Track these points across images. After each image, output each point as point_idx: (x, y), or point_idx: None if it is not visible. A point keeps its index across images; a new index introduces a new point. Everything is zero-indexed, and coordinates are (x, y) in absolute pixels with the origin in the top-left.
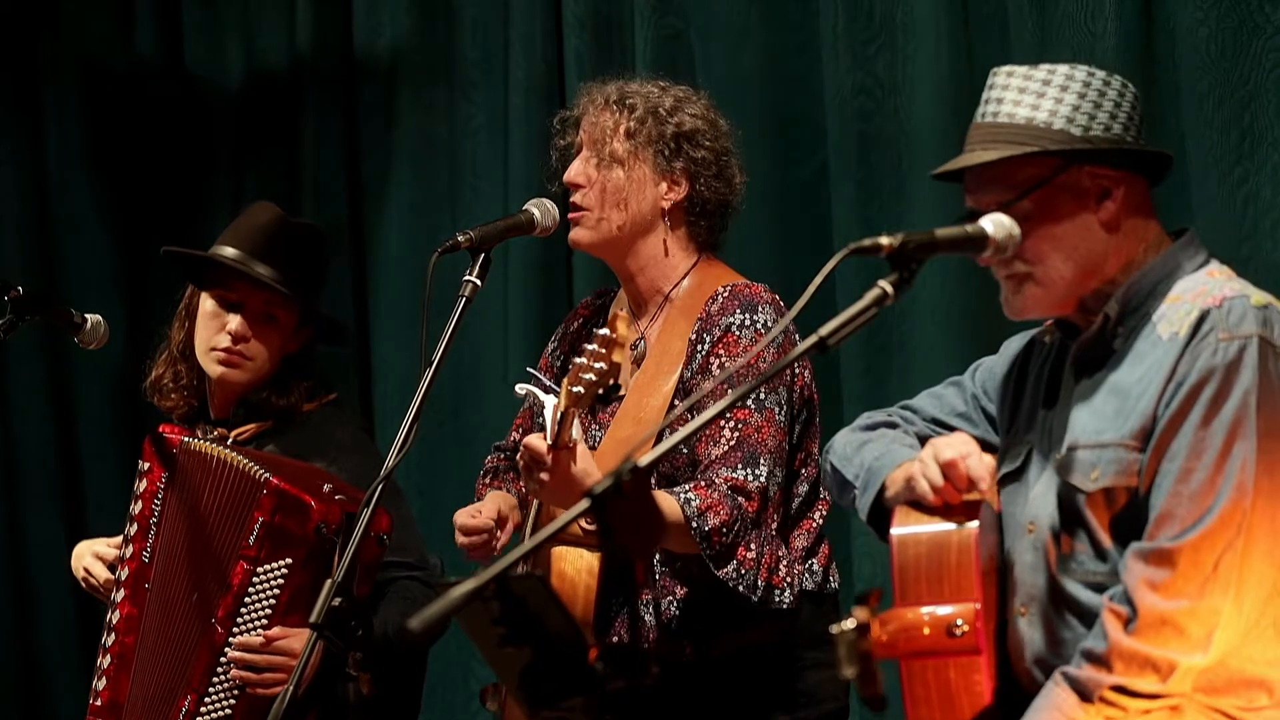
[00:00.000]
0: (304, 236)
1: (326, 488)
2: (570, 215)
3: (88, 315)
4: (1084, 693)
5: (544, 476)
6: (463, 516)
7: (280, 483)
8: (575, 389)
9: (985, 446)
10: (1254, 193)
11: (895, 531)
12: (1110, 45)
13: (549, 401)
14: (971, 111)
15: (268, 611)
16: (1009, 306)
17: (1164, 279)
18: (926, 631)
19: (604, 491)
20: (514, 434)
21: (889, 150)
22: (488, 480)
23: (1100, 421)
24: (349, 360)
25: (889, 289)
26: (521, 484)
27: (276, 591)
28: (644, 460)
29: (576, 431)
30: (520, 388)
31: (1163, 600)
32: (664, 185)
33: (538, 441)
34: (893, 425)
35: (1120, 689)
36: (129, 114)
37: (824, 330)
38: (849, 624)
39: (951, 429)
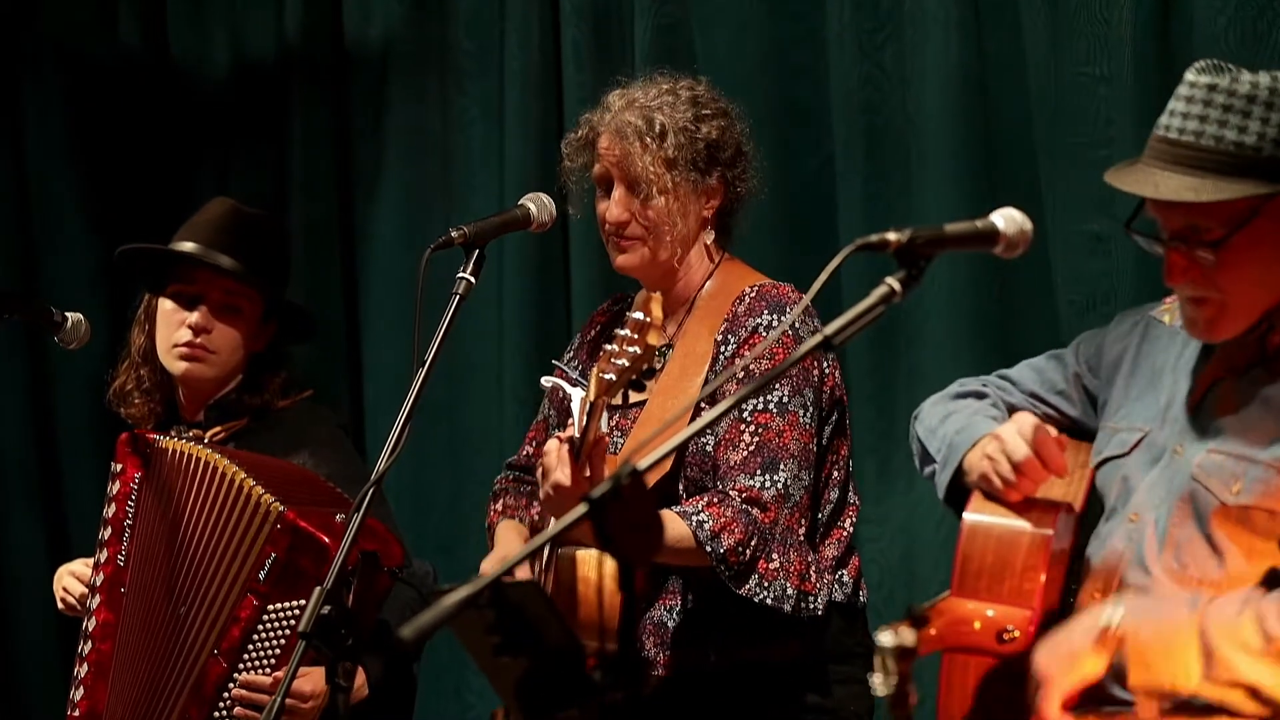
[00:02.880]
0: (262, 227)
1: (339, 518)
2: (618, 241)
3: (68, 314)
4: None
5: (560, 478)
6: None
7: (295, 519)
8: (607, 376)
9: (1078, 431)
10: None
11: (969, 516)
12: (1126, 35)
13: (576, 395)
14: (981, 104)
15: (277, 651)
16: (1196, 330)
17: None
18: (977, 626)
19: (602, 496)
20: (526, 447)
21: (897, 144)
22: (498, 506)
23: (1249, 432)
24: (339, 360)
25: (897, 286)
26: (537, 508)
27: (287, 632)
28: (643, 463)
29: (604, 427)
30: (545, 380)
31: None
32: (704, 198)
33: (554, 445)
34: (981, 395)
35: None
36: (112, 106)
37: (829, 329)
38: (891, 640)
39: (1050, 406)
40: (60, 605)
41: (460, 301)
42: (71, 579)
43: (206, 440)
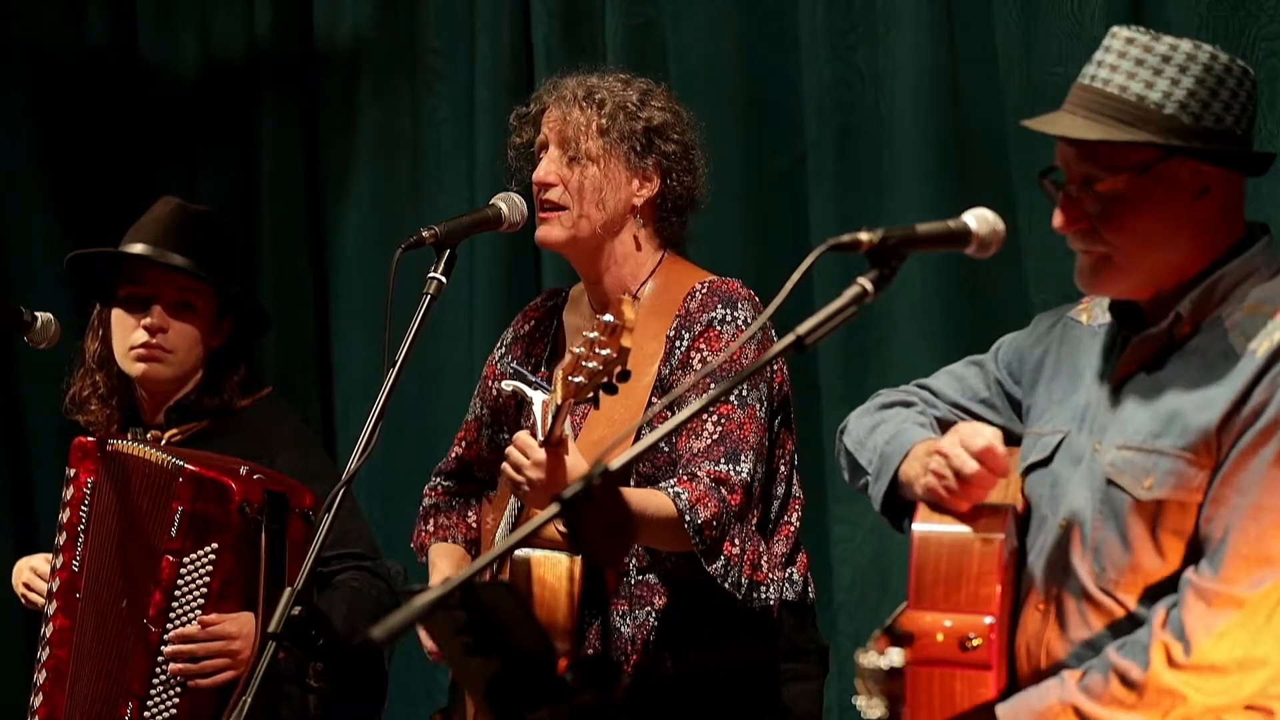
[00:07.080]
0: (209, 223)
1: (243, 470)
2: (541, 214)
3: (38, 314)
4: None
5: (533, 475)
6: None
7: (196, 469)
8: (575, 379)
9: (1007, 437)
10: (1247, 190)
11: (918, 528)
12: (1098, 35)
13: (537, 398)
14: (953, 104)
15: (200, 601)
16: (1083, 280)
17: (1240, 282)
18: (940, 638)
19: (574, 496)
20: (456, 448)
21: (869, 143)
22: (429, 527)
23: (1157, 424)
24: (309, 359)
25: (868, 286)
26: (472, 519)
27: (206, 579)
28: (615, 463)
29: (567, 428)
30: (505, 384)
31: (1218, 644)
32: (636, 182)
33: (528, 438)
34: (908, 404)
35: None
36: (80, 106)
37: (801, 329)
38: (884, 663)
39: (974, 416)
40: (23, 602)
41: (431, 301)
42: (32, 575)
43: (165, 440)
